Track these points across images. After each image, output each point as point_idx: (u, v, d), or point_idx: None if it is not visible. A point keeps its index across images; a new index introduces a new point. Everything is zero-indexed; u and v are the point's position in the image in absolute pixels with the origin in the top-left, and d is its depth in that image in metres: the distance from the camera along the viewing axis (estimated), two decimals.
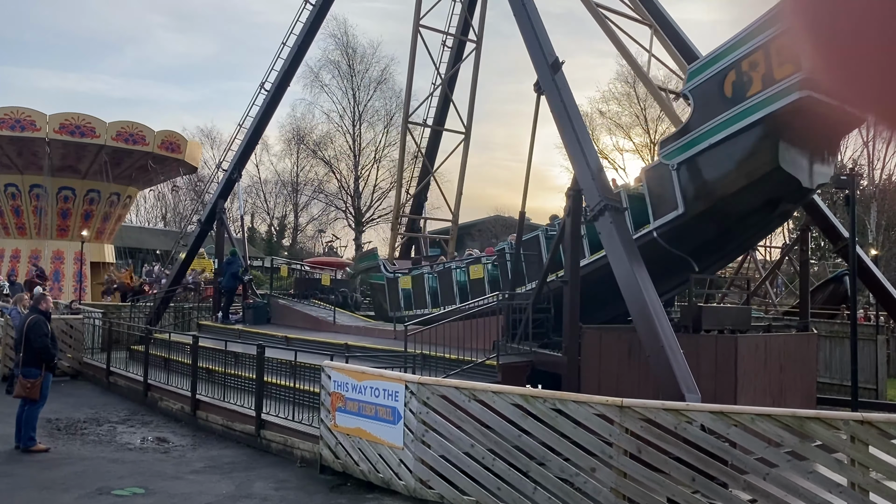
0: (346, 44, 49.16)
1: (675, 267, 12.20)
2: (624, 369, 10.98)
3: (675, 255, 11.84)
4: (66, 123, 28.18)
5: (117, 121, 29.57)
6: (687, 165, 11.37)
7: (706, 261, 12.16)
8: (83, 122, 28.54)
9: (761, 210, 11.60)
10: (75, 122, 28.38)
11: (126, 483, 9.17)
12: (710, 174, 11.12)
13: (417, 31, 20.84)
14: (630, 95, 47.79)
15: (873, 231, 38.09)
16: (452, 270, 16.92)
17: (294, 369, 11.92)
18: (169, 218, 60.19)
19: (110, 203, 31.91)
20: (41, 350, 10.86)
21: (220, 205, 21.29)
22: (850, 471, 6.81)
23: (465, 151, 21.41)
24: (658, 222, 11.84)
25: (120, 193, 32.20)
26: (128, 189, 32.78)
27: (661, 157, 11.95)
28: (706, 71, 11.15)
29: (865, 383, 14.85)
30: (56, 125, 27.99)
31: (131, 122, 30.06)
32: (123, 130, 29.33)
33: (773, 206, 11.74)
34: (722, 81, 10.86)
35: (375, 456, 9.07)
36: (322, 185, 52.72)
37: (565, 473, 7.67)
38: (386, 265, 19.51)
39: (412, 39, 20.93)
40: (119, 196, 32.21)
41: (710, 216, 11.40)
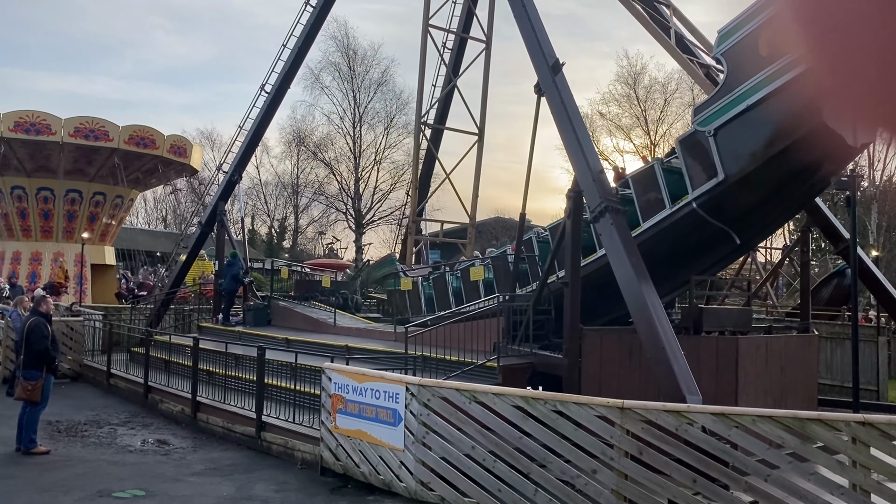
0: (346, 45, 49.18)
1: (714, 242, 11.79)
2: (625, 371, 10.97)
3: (715, 227, 11.40)
4: (81, 127, 28.29)
5: (130, 125, 29.78)
6: (725, 130, 10.91)
7: (748, 232, 11.68)
8: (97, 125, 28.67)
9: (804, 172, 11.14)
10: (90, 126, 28.49)
11: (127, 485, 9.16)
12: (750, 137, 10.65)
13: (427, 31, 20.86)
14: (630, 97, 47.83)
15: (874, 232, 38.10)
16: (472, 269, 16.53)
17: (295, 371, 11.91)
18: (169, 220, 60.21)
19: (115, 206, 32.00)
20: (41, 352, 10.86)
21: (221, 207, 21.29)
22: (852, 472, 6.80)
23: (480, 153, 21.44)
24: (697, 192, 11.31)
25: (123, 196, 32.31)
26: (131, 192, 32.88)
27: (695, 125, 11.46)
28: (739, 32, 10.72)
29: (866, 384, 14.84)
30: (71, 129, 28.10)
31: (143, 126, 30.28)
32: (136, 134, 29.50)
33: (815, 169, 11.29)
34: (756, 40, 10.44)
35: (376, 458, 9.06)
36: (322, 187, 52.72)
37: (566, 475, 7.66)
38: (405, 270, 19.44)
39: (422, 39, 20.97)
40: (123, 198, 32.29)
41: (752, 181, 10.90)
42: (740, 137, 10.77)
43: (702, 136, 11.32)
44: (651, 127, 47.46)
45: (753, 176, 10.83)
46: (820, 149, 10.54)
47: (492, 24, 21.16)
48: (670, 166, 12.18)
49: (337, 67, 49.36)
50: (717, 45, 11.29)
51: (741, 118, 10.73)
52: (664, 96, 47.03)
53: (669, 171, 12.12)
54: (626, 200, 12.36)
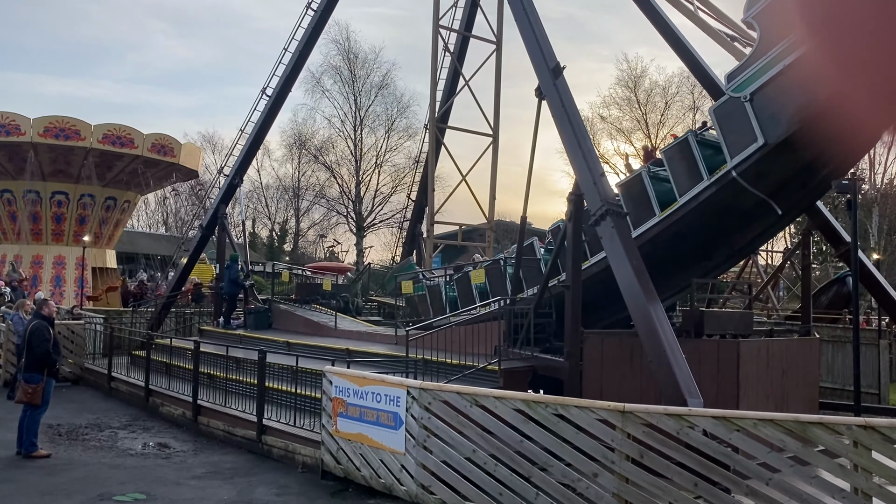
0: (347, 49, 49.27)
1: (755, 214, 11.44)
2: (626, 374, 10.97)
3: (756, 198, 11.04)
4: (51, 126, 27.93)
5: (103, 123, 29.25)
6: (761, 93, 10.62)
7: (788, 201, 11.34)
8: (67, 124, 28.26)
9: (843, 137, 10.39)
10: (59, 125, 28.11)
11: (127, 489, 9.16)
12: (790, 97, 10.30)
13: (437, 32, 20.92)
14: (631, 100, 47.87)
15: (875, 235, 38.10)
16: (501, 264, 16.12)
17: (295, 374, 11.91)
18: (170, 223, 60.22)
19: (106, 207, 31.70)
20: (43, 356, 10.86)
21: (222, 210, 21.31)
22: (853, 476, 6.79)
23: (495, 154, 21.46)
24: (736, 160, 10.95)
25: (116, 198, 31.94)
26: (125, 194, 32.57)
27: (729, 92, 11.13)
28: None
29: (868, 388, 14.82)
30: (40, 128, 27.76)
31: (118, 124, 29.71)
32: (110, 133, 29.03)
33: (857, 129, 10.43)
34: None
35: (377, 461, 9.05)
36: (323, 190, 52.80)
37: (567, 479, 7.65)
38: (424, 274, 19.38)
39: (433, 40, 21.02)
40: (116, 200, 31.99)
41: (794, 144, 10.57)
42: (779, 100, 10.37)
43: (737, 103, 10.96)
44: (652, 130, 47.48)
45: (794, 139, 10.43)
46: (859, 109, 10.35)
47: (501, 25, 21.27)
48: (704, 139, 11.86)
49: (338, 71, 49.48)
50: (747, 9, 10.92)
51: (778, 80, 10.37)
52: (665, 99, 47.11)
53: (704, 144, 11.76)
54: (660, 179, 12.06)
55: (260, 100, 21.37)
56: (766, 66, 10.56)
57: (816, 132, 9.97)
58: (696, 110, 44.95)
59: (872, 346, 15.82)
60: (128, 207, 32.70)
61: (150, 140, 30.03)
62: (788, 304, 27.63)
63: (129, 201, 32.55)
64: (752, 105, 10.76)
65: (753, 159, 10.84)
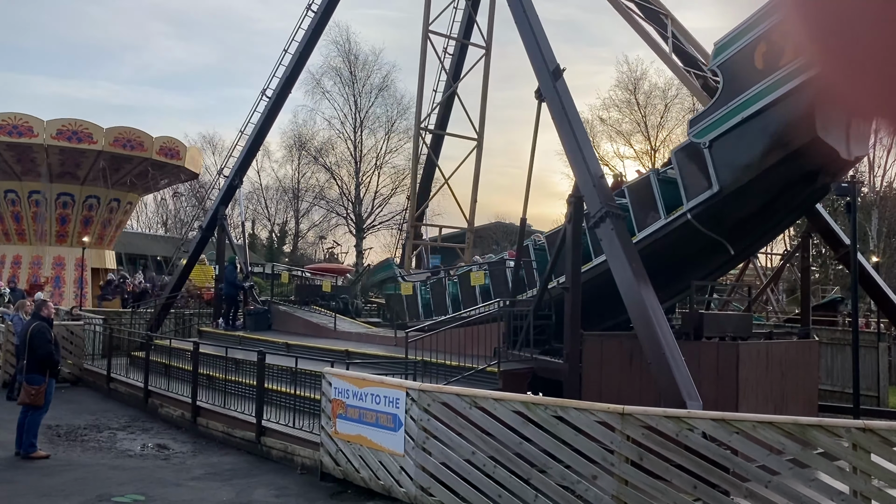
0: (347, 50, 49.27)
1: (709, 252, 11.87)
2: (625, 376, 10.96)
3: (709, 238, 11.47)
4: (64, 129, 28.14)
5: (115, 126, 29.46)
6: (720, 142, 10.99)
7: (743, 242, 11.74)
8: (80, 127, 28.48)
9: (798, 184, 11.21)
10: (72, 128, 28.32)
11: (126, 490, 9.15)
12: (745, 149, 10.71)
13: (427, 37, 20.92)
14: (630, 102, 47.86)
15: (874, 238, 38.10)
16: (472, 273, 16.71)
17: (295, 376, 11.91)
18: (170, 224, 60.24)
19: (110, 209, 31.88)
20: (45, 357, 10.87)
21: (222, 211, 21.31)
22: (852, 478, 6.79)
23: (479, 158, 21.53)
24: (691, 203, 11.42)
25: (120, 199, 32.13)
26: (128, 195, 32.75)
27: (691, 136, 11.55)
28: (735, 44, 10.81)
29: (867, 390, 14.83)
30: (53, 131, 27.96)
31: (129, 127, 29.95)
32: (121, 136, 29.26)
33: (810, 180, 11.34)
34: (752, 53, 10.53)
35: (376, 463, 9.05)
36: (323, 192, 52.76)
37: (566, 481, 7.65)
38: (403, 275, 19.49)
39: (422, 44, 21.04)
40: (119, 202, 32.17)
41: (747, 193, 10.98)
42: (735, 149, 10.85)
43: (697, 148, 11.41)
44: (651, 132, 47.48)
45: (748, 188, 10.92)
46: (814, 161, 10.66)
47: (491, 31, 21.26)
48: (666, 177, 12.26)
49: (338, 72, 49.47)
50: (713, 58, 11.40)
51: (736, 130, 10.83)
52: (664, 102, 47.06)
53: (665, 181, 12.20)
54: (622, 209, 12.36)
55: (260, 101, 21.38)
56: (727, 115, 10.96)
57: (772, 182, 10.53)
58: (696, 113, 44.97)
59: (872, 348, 15.83)
60: (118, 207, 32.68)
61: (158, 143, 30.26)
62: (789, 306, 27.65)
63: (131, 203, 32.64)
64: (711, 152, 11.16)
65: (707, 204, 11.28)
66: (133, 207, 35.84)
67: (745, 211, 11.42)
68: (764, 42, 10.41)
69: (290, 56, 20.89)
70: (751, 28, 10.68)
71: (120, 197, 31.89)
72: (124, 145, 29.24)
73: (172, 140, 31.94)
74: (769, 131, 10.52)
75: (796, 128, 10.26)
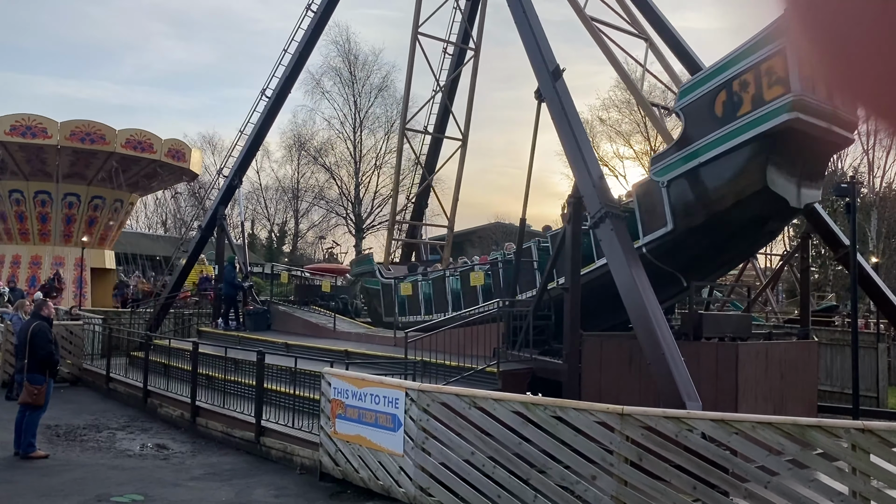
0: (347, 50, 49.29)
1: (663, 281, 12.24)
2: (625, 377, 10.97)
3: (663, 270, 11.87)
4: (77, 131, 28.38)
5: (127, 128, 29.85)
6: (676, 183, 11.41)
7: (694, 276, 12.23)
8: (94, 129, 28.76)
9: (749, 227, 11.65)
10: (86, 130, 28.59)
11: (125, 490, 9.15)
12: (698, 192, 11.17)
13: (416, 39, 20.94)
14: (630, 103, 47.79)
15: (874, 239, 38.10)
16: (446, 278, 17.14)
17: (294, 376, 11.91)
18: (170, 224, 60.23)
19: (114, 210, 32.07)
20: (46, 357, 10.86)
21: (221, 211, 21.30)
22: (852, 479, 6.79)
23: (462, 158, 21.58)
24: (647, 238, 11.85)
25: (123, 200, 32.38)
26: (130, 196, 32.98)
27: (651, 174, 12.00)
28: (698, 89, 11.28)
29: (866, 391, 14.83)
30: (67, 132, 28.20)
31: (140, 129, 30.37)
32: (132, 138, 29.58)
33: (760, 224, 11.81)
34: (713, 100, 10.98)
35: (375, 463, 9.05)
36: (323, 192, 52.78)
37: (566, 481, 7.65)
38: (381, 270, 19.64)
39: (410, 47, 21.05)
40: (122, 202, 32.38)
41: (698, 233, 11.46)
42: (690, 192, 11.22)
43: (655, 186, 11.80)
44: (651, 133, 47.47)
45: (700, 229, 11.33)
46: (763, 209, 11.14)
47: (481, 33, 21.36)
48: (627, 207, 12.53)
49: (338, 72, 49.50)
50: (677, 100, 11.78)
51: (692, 174, 11.21)
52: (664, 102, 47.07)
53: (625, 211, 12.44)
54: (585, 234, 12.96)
55: (259, 101, 21.38)
56: (685, 158, 11.29)
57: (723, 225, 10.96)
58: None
59: (871, 349, 15.83)
60: (121, 207, 32.82)
61: (167, 145, 30.58)
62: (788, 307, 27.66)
63: (122, 201, 32.70)
64: (668, 192, 11.51)
65: (662, 241, 11.64)
66: (133, 207, 35.94)
67: (697, 249, 11.82)
68: (725, 91, 10.84)
69: (289, 56, 20.88)
70: (714, 75, 11.12)
71: (123, 197, 32.07)
72: (135, 147, 29.57)
73: (179, 142, 32.44)
74: (722, 178, 10.95)
75: (747, 178, 10.76)
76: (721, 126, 10.80)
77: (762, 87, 10.37)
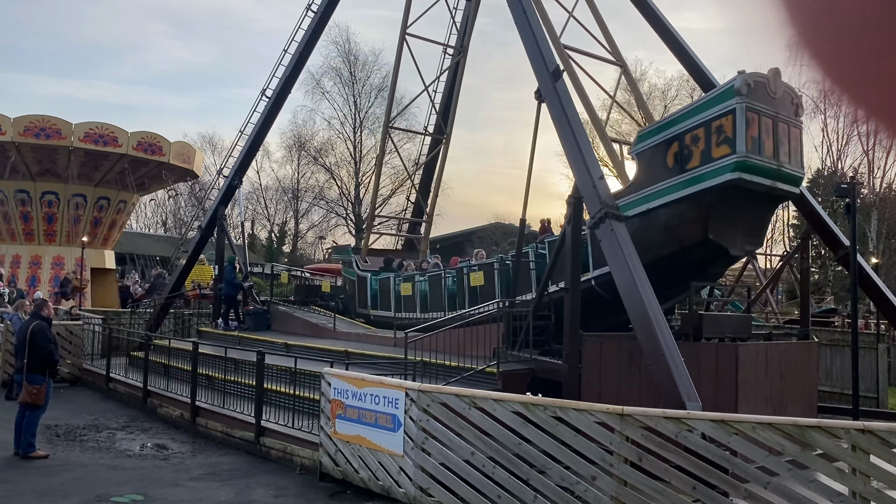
0: (347, 51, 49.34)
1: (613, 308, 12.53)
2: (624, 377, 10.97)
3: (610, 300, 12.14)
4: (91, 132, 28.52)
5: (138, 131, 30.05)
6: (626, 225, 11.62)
7: None
8: (107, 131, 28.89)
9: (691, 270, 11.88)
10: (99, 132, 28.71)
11: (125, 490, 9.15)
12: (644, 236, 11.44)
13: (404, 39, 21.10)
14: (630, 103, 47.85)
15: (874, 239, 38.10)
16: (416, 281, 17.79)
17: (294, 376, 11.91)
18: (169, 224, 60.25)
19: (117, 210, 32.16)
20: (45, 356, 10.86)
21: (221, 211, 21.29)
22: (852, 480, 6.79)
23: (444, 155, 22.16)
24: (596, 272, 12.44)
25: (126, 200, 32.51)
26: (120, 194, 32.88)
27: None
28: (653, 137, 11.67)
29: (866, 392, 14.83)
30: (81, 134, 28.31)
31: (151, 132, 30.57)
32: (143, 140, 29.76)
33: (703, 268, 12.16)
34: (666, 150, 11.38)
35: (375, 463, 9.04)
36: (323, 192, 52.82)
37: (566, 482, 7.65)
38: (358, 262, 19.95)
39: (398, 47, 21.26)
40: (109, 201, 32.33)
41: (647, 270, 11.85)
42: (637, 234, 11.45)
43: None
44: None
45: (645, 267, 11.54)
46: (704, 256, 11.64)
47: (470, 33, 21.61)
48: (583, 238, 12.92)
49: (338, 72, 49.55)
50: (634, 144, 12.17)
51: (639, 217, 11.60)
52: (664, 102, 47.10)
53: None
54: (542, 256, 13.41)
55: (259, 101, 21.38)
56: (635, 202, 11.74)
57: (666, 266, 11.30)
58: None
59: (871, 349, 15.83)
60: (124, 208, 32.80)
61: (135, 138, 30.20)
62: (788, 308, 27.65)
63: (125, 202, 32.69)
64: None
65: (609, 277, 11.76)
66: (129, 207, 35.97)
67: None
68: (677, 142, 11.26)
69: (289, 56, 20.88)
70: (669, 125, 11.58)
71: (109, 196, 32.06)
72: (145, 149, 29.76)
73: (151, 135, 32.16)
74: (667, 225, 11.33)
75: (691, 228, 11.23)
76: (671, 176, 11.30)
77: (711, 144, 10.94)
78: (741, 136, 10.58)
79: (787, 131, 11.34)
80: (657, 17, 16.40)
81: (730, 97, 10.76)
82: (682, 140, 11.19)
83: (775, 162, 11.03)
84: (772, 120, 11.06)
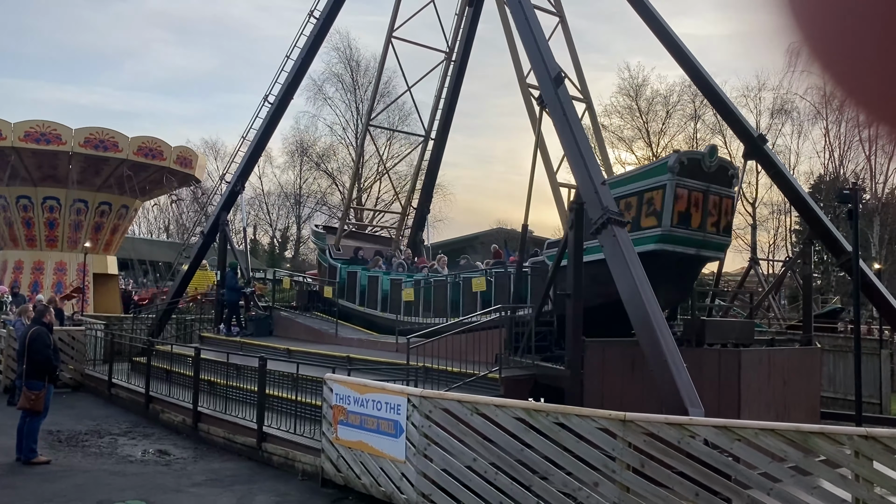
0: (349, 57, 49.46)
1: None
2: (627, 383, 10.95)
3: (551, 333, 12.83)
4: (91, 138, 28.58)
5: (139, 136, 30.11)
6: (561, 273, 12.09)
7: None
8: (107, 136, 28.97)
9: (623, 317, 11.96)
10: (99, 137, 28.78)
11: (127, 496, 9.15)
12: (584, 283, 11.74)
13: (389, 42, 21.29)
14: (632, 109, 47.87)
15: (876, 245, 38.04)
16: (380, 277, 18.32)
17: (296, 382, 11.90)
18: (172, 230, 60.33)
19: (119, 215, 32.17)
20: (43, 362, 10.86)
21: (223, 216, 21.32)
22: (855, 486, 6.77)
23: (422, 153, 22.79)
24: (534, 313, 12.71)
25: (128, 206, 32.52)
26: (121, 199, 32.94)
27: (545, 257, 13.41)
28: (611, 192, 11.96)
29: (869, 398, 14.79)
30: (81, 139, 28.40)
31: (151, 137, 30.62)
32: (144, 145, 29.81)
33: None
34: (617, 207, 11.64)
35: (377, 469, 9.03)
36: (325, 198, 52.86)
37: (568, 488, 7.63)
38: (331, 251, 20.14)
39: (383, 49, 21.53)
40: (127, 208, 32.50)
41: None
42: None
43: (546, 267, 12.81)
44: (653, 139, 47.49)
45: None
46: None
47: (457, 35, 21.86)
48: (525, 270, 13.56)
49: (340, 78, 49.67)
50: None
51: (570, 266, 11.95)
52: (666, 108, 47.07)
53: None
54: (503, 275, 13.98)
55: (262, 107, 21.44)
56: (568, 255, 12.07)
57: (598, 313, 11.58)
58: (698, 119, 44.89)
59: (874, 355, 15.79)
60: (126, 213, 32.83)
61: (135, 143, 30.24)
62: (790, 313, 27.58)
63: (127, 207, 32.73)
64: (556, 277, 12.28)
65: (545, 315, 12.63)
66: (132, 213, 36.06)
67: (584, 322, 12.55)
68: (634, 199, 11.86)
69: (292, 62, 20.95)
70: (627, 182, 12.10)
71: (128, 203, 32.20)
72: (146, 154, 29.77)
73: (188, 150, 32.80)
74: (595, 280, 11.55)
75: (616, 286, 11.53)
76: None
77: (641, 213, 11.76)
78: (668, 211, 11.47)
79: (717, 202, 12.16)
80: (659, 23, 16.41)
81: (662, 173, 11.56)
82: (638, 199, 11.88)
83: (701, 234, 12.01)
84: (702, 194, 11.88)
